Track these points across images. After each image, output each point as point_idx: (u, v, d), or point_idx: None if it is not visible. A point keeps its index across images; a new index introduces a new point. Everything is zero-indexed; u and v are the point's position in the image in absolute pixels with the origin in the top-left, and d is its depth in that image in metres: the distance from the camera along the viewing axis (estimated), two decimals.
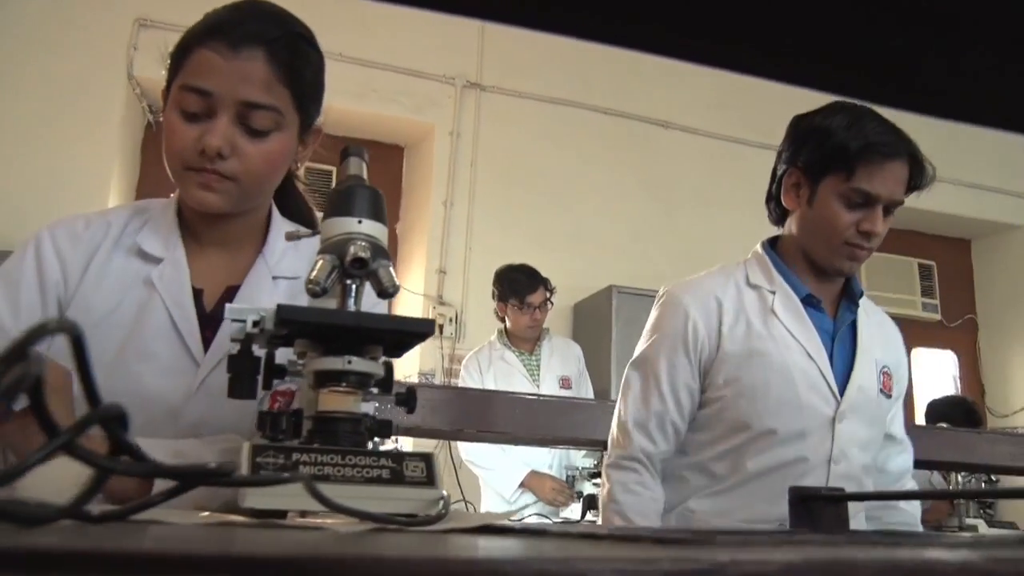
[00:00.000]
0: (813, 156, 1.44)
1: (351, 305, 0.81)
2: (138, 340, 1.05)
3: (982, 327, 5.87)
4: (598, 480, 2.80)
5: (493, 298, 3.61)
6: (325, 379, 0.78)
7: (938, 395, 5.01)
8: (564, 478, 3.22)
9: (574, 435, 2.58)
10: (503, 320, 3.61)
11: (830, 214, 1.42)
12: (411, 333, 0.79)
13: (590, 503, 2.58)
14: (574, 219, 4.89)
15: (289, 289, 1.15)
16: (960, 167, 5.47)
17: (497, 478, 3.31)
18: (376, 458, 0.73)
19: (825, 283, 1.51)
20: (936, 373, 5.80)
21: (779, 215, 1.56)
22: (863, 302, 1.54)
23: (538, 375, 3.50)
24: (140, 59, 4.23)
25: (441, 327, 4.58)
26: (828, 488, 0.83)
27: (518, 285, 3.45)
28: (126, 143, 4.38)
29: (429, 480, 0.73)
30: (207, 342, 1.08)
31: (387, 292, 0.79)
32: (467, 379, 3.50)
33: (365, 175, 0.92)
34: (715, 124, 5.12)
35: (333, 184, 4.49)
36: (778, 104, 5.45)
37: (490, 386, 3.39)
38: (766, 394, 1.40)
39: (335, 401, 0.77)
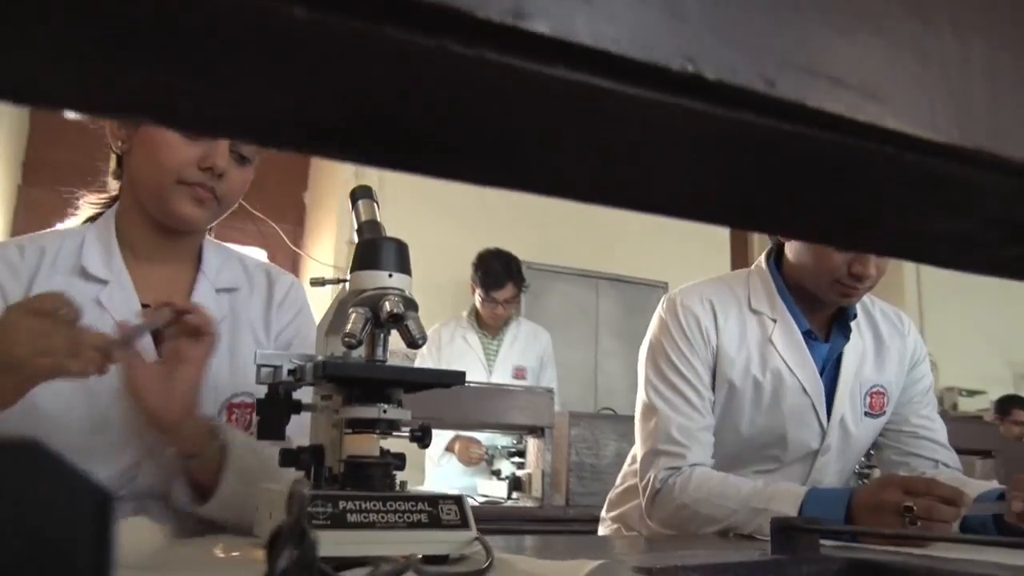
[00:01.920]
0: None
1: (380, 353, 0.86)
2: None
3: None
4: (517, 459, 2.90)
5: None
6: (358, 424, 0.83)
7: None
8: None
9: (495, 420, 2.67)
10: (472, 298, 3.57)
11: (821, 253, 1.40)
12: (442, 384, 0.85)
13: (516, 484, 2.69)
14: (483, 192, 4.94)
15: (231, 302, 1.19)
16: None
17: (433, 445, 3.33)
18: (414, 502, 0.79)
19: (820, 306, 1.48)
20: None
21: (777, 240, 1.54)
22: (860, 316, 1.51)
23: (494, 362, 3.49)
24: None
25: None
26: (804, 518, 0.94)
27: (488, 277, 3.38)
28: None
29: (463, 522, 0.80)
30: None
31: (416, 343, 0.84)
32: (424, 351, 3.47)
33: (378, 216, 0.96)
34: None
35: None
36: None
37: (443, 364, 3.37)
38: (750, 424, 1.43)
39: (367, 445, 0.83)
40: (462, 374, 0.85)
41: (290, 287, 1.25)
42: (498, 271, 3.42)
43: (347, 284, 0.91)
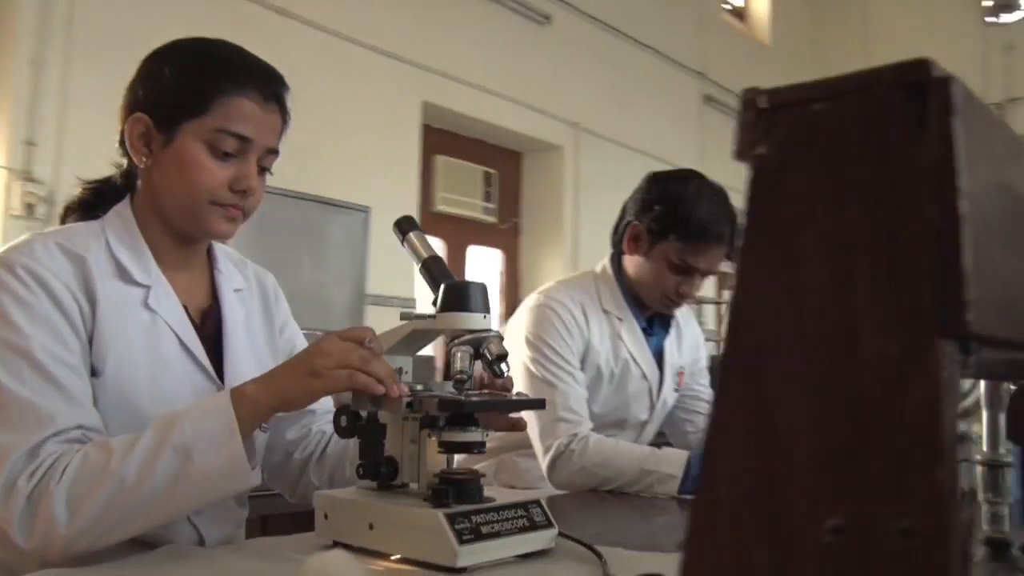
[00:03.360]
0: (657, 221, 1.72)
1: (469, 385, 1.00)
2: (159, 363, 1.08)
3: (524, 231, 6.96)
4: None
5: None
6: (458, 447, 0.97)
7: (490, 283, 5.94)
8: None
9: None
10: None
11: (658, 275, 1.73)
12: (531, 407, 1.03)
13: None
14: None
15: (241, 300, 1.25)
16: (520, 88, 6.38)
17: None
18: (513, 510, 0.96)
19: (647, 308, 1.84)
20: (486, 268, 6.78)
21: (619, 250, 1.85)
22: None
23: None
24: None
25: (31, 206, 4.10)
26: None
27: None
28: None
29: (548, 522, 0.99)
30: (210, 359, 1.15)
31: (503, 374, 1.00)
32: None
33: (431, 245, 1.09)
34: (333, 21, 5.20)
35: None
36: (396, 9, 5.68)
37: None
38: (603, 404, 1.74)
39: (465, 462, 0.98)
40: (542, 401, 1.03)
41: (274, 283, 1.30)
42: None
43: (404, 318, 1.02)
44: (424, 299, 4.34)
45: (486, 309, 0.99)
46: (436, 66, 5.97)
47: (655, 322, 1.87)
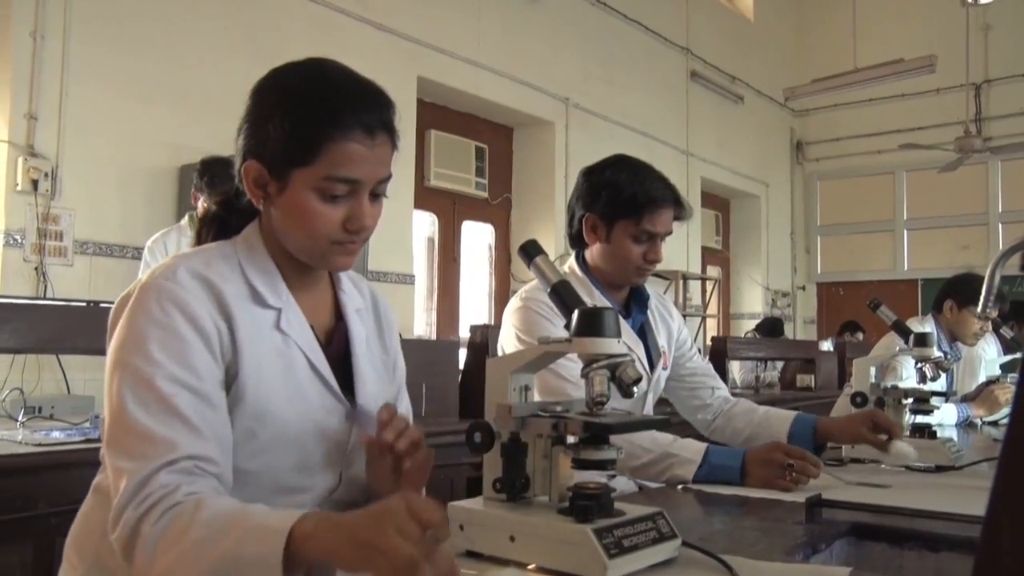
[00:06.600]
0: (607, 206, 1.90)
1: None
2: (293, 385, 1.12)
3: (515, 205, 7.00)
4: None
5: (192, 185, 3.42)
6: (592, 465, 1.03)
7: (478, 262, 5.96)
8: None
9: None
10: (195, 205, 3.47)
11: (622, 251, 1.92)
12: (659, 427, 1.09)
13: None
14: (181, 72, 4.61)
15: (362, 319, 1.29)
16: (511, 64, 6.37)
17: None
18: (643, 522, 1.03)
19: (620, 290, 2.01)
20: (477, 243, 6.81)
21: (579, 244, 2.02)
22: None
23: None
24: None
25: (36, 182, 4.06)
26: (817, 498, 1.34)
27: (217, 183, 3.31)
28: None
29: (672, 532, 1.06)
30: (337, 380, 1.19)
31: (632, 393, 1.06)
32: (151, 263, 3.34)
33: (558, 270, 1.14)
34: None
35: None
36: None
37: None
38: None
39: (583, 475, 1.04)
40: (667, 420, 1.09)
41: (386, 304, 1.34)
42: (227, 177, 3.42)
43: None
44: (422, 276, 4.44)
45: (619, 334, 1.05)
46: (431, 41, 5.95)
47: (632, 306, 2.03)
